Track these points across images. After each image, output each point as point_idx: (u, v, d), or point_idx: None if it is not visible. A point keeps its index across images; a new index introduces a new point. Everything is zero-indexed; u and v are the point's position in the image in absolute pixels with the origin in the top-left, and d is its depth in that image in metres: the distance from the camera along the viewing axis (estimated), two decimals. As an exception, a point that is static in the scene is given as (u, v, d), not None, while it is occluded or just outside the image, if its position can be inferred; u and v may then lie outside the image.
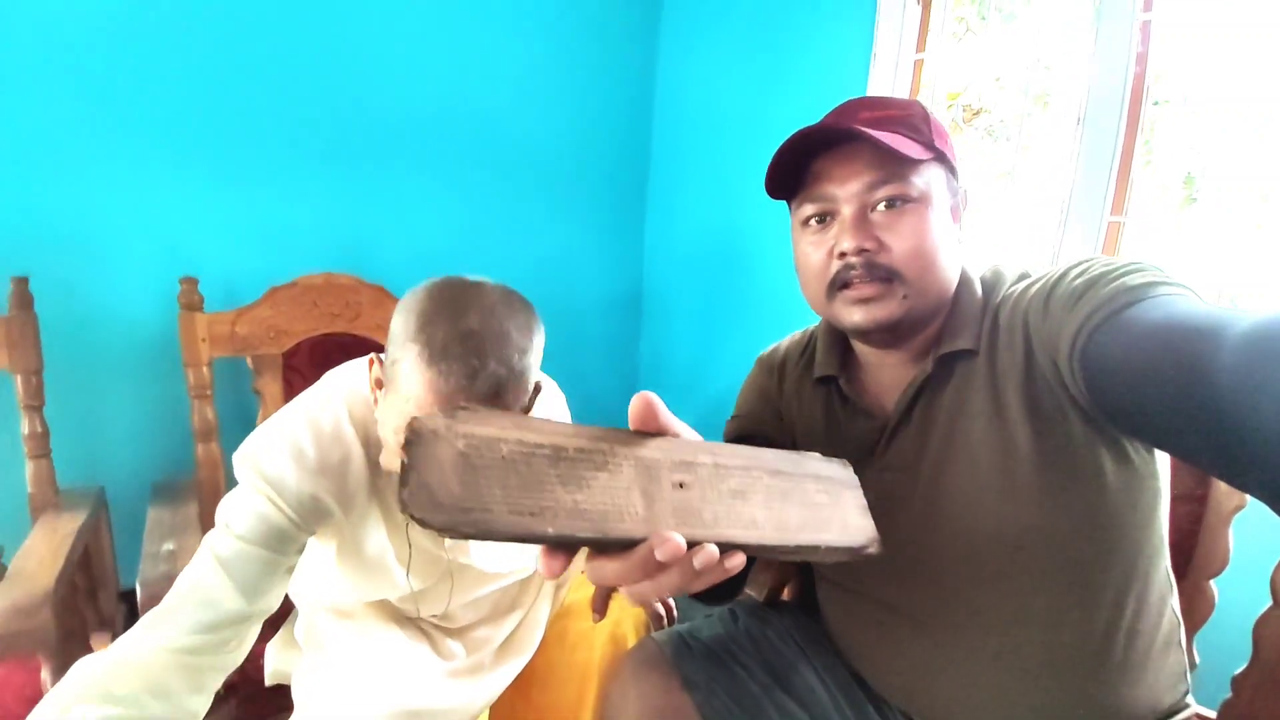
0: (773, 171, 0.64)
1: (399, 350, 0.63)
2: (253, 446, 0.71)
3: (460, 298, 0.63)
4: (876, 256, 0.59)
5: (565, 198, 2.00)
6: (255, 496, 0.68)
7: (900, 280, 0.60)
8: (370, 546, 0.77)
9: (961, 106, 1.47)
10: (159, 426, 1.43)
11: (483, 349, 0.61)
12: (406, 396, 0.62)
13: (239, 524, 0.68)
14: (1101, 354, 0.50)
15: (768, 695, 0.73)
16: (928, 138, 0.61)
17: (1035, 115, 1.63)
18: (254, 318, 1.33)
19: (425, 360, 0.61)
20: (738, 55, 1.85)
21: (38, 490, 1.17)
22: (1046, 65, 1.31)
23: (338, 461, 0.72)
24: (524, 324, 0.65)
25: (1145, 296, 0.50)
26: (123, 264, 1.35)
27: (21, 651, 0.79)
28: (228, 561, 0.67)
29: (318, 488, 0.70)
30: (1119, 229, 1.15)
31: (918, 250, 0.59)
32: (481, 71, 1.75)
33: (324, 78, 1.51)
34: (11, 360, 1.13)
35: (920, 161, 0.59)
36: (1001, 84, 1.38)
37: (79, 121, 1.27)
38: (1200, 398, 0.42)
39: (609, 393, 2.26)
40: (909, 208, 0.59)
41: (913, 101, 0.64)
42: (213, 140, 1.40)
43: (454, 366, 0.60)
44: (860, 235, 0.59)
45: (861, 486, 0.50)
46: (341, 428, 0.73)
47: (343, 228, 1.59)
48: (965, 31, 1.45)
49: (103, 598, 1.22)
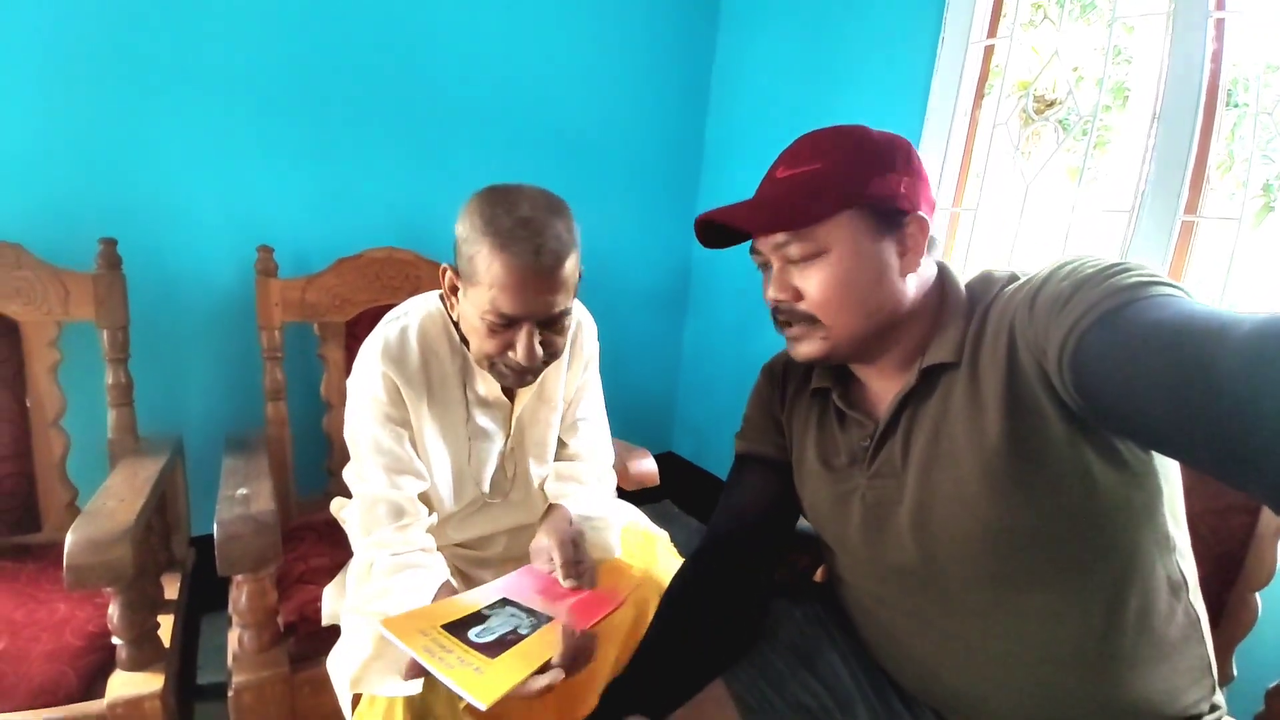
0: (704, 242, 0.72)
1: (472, 248, 0.77)
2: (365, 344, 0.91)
3: (509, 196, 0.78)
4: (795, 304, 0.66)
5: (619, 188, 2.03)
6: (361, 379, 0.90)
7: (818, 323, 0.66)
8: (433, 430, 0.92)
9: (1032, 96, 1.42)
10: (233, 383, 1.52)
11: (541, 228, 0.76)
12: (489, 283, 0.76)
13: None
14: (1092, 356, 0.50)
15: (792, 673, 0.75)
16: (841, 187, 0.63)
17: (1114, 110, 1.57)
18: (322, 285, 1.40)
19: (498, 247, 0.75)
20: (797, 45, 1.83)
21: (118, 437, 1.25)
22: (1128, 59, 1.26)
23: (405, 359, 0.89)
24: (561, 208, 0.81)
25: (1138, 298, 0.49)
26: (205, 231, 1.44)
27: (95, 584, 0.82)
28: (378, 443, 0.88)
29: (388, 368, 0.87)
30: (1192, 229, 1.10)
31: (827, 299, 0.64)
32: (544, 59, 1.79)
33: (396, 66, 1.58)
34: (99, 315, 1.21)
35: (821, 218, 0.63)
36: (1080, 75, 1.33)
37: (169, 98, 1.36)
38: (1200, 399, 0.42)
39: (650, 383, 2.28)
40: (817, 261, 0.64)
41: (844, 139, 0.65)
42: (292, 120, 1.48)
43: (523, 247, 0.75)
44: (778, 287, 0.67)
45: (857, 491, 0.67)
46: (408, 334, 0.90)
47: (406, 206, 1.65)
48: (1042, 19, 1.40)
49: (175, 541, 1.30)
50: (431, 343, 0.91)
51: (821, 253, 0.64)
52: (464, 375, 0.93)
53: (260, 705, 0.90)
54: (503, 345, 0.81)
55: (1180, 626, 0.61)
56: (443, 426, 0.92)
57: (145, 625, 0.91)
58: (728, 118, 2.09)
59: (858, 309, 0.64)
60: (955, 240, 1.54)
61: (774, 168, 0.68)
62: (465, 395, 0.94)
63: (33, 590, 1.02)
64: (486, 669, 0.61)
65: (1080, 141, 1.31)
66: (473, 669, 0.61)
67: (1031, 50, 1.39)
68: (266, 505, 0.92)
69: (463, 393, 0.93)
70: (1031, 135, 1.45)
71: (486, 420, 0.96)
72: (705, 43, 2.08)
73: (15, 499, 1.17)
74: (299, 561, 1.13)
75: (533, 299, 0.77)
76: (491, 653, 0.64)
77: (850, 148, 0.64)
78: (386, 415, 0.88)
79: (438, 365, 0.91)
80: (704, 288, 2.23)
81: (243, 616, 0.92)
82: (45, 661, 0.88)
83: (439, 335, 0.92)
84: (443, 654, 0.62)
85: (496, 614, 0.70)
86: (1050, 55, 1.37)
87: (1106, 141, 1.54)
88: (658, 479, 1.24)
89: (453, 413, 0.93)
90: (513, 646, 0.66)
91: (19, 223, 1.20)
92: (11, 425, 1.16)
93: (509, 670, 0.62)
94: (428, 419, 0.91)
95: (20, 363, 1.17)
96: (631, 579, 0.96)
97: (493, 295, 0.76)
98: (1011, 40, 1.40)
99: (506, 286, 0.76)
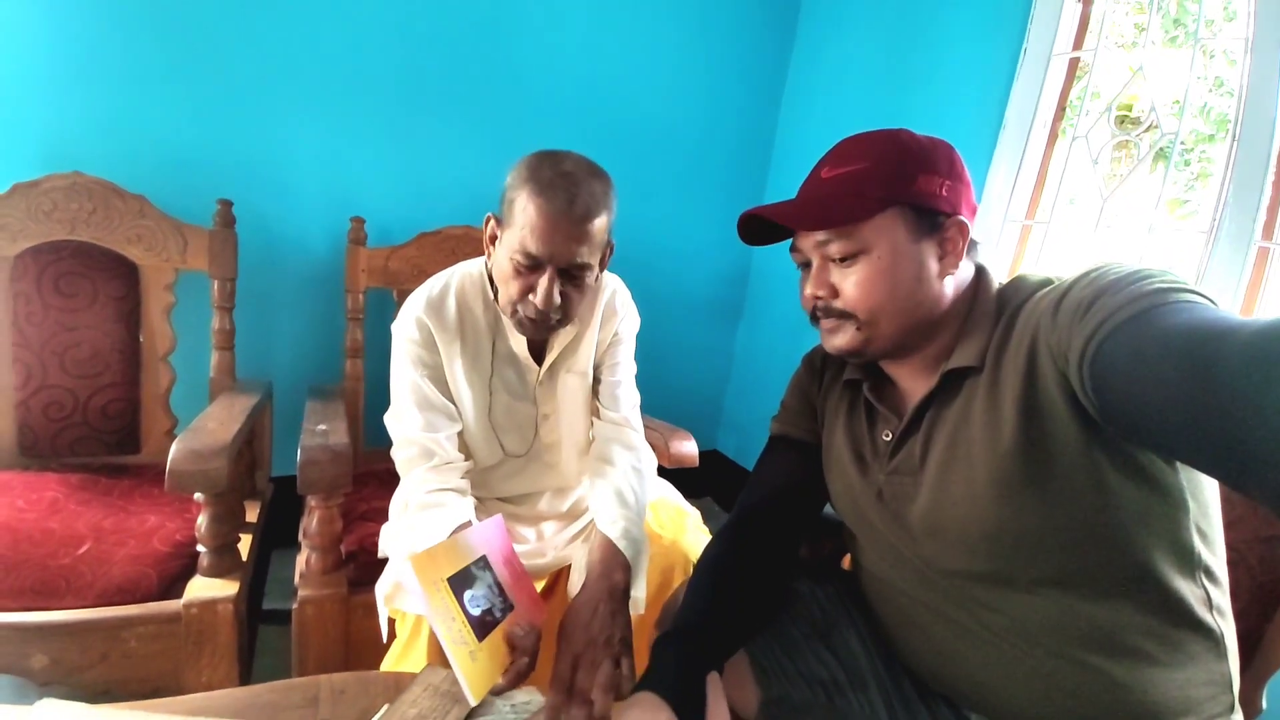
0: (748, 235, 0.74)
1: (513, 192, 0.85)
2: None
3: (556, 155, 0.87)
4: (831, 302, 0.68)
5: (686, 185, 2.08)
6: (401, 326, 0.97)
7: (853, 318, 0.67)
8: (461, 379, 0.99)
9: (1114, 111, 1.38)
10: (319, 339, 1.66)
11: (578, 182, 0.84)
12: (521, 224, 0.84)
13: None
14: (1110, 362, 0.50)
15: (808, 644, 0.78)
16: (883, 188, 0.64)
17: (1219, 141, 1.50)
18: (403, 256, 1.52)
19: (535, 192, 0.83)
20: (874, 50, 1.83)
21: (218, 376, 1.40)
22: (1230, 90, 1.21)
23: (443, 310, 0.97)
24: (603, 174, 0.89)
25: (1157, 304, 0.49)
26: (307, 200, 1.59)
27: (191, 489, 0.93)
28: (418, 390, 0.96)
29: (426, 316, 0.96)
30: (1268, 255, 1.06)
31: (865, 297, 0.66)
32: (622, 56, 1.86)
33: (482, 59, 1.69)
34: (212, 266, 1.36)
35: (864, 218, 0.64)
36: (1180, 104, 1.28)
37: (285, 83, 1.51)
38: (1205, 401, 0.42)
39: (699, 380, 2.32)
40: (860, 260, 0.66)
41: (886, 141, 0.66)
42: (387, 107, 1.62)
43: (558, 194, 0.82)
44: (817, 284, 0.69)
45: (877, 484, 0.71)
46: (449, 289, 0.99)
47: (483, 188, 1.73)
48: (1142, 36, 1.35)
49: (258, 476, 1.44)
50: (468, 298, 0.99)
51: (862, 252, 0.65)
52: (494, 332, 1.00)
53: (320, 619, 1.00)
54: (525, 288, 0.87)
55: (1199, 641, 0.61)
56: (470, 377, 0.99)
57: (228, 537, 1.03)
58: (799, 122, 2.10)
59: (894, 308, 0.66)
60: (1024, 253, 1.51)
61: (819, 167, 0.70)
62: (494, 350, 1.00)
63: (124, 503, 1.15)
64: (478, 654, 0.68)
65: (1182, 171, 1.27)
66: (468, 651, 0.67)
67: (1129, 70, 1.35)
68: (342, 439, 1.02)
69: (491, 347, 1.00)
70: (1116, 152, 1.41)
71: (512, 377, 1.02)
72: (782, 47, 2.11)
73: (119, 421, 1.32)
74: (362, 502, 1.24)
75: (559, 243, 0.83)
76: (479, 631, 0.70)
77: (894, 149, 0.66)
78: (420, 359, 0.95)
79: (471, 320, 0.99)
80: (761, 289, 2.25)
81: (312, 539, 1.02)
82: (128, 563, 0.99)
83: (475, 293, 1.00)
84: (449, 620, 0.67)
85: (479, 578, 0.74)
86: (1135, 73, 1.34)
87: (1209, 174, 1.48)
88: (697, 460, 1.28)
89: (481, 364, 1.00)
90: (492, 630, 0.71)
91: (145, 177, 1.36)
92: (123, 356, 1.31)
93: (491, 660, 0.70)
94: (458, 368, 0.97)
95: (137, 301, 1.33)
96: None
97: (523, 235, 0.84)
98: (1096, 54, 1.37)
99: (536, 228, 0.83)
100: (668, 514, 1.10)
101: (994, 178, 1.51)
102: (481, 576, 0.74)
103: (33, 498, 1.10)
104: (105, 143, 1.38)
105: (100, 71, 1.35)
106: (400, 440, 0.95)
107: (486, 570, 0.75)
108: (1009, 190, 1.49)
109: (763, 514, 0.83)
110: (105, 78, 1.36)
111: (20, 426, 1.25)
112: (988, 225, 1.51)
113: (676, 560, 1.00)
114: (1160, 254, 1.26)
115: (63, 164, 1.27)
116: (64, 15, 1.31)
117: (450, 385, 0.98)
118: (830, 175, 0.68)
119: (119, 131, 1.39)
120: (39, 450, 1.26)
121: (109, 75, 1.36)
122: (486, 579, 0.75)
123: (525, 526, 1.05)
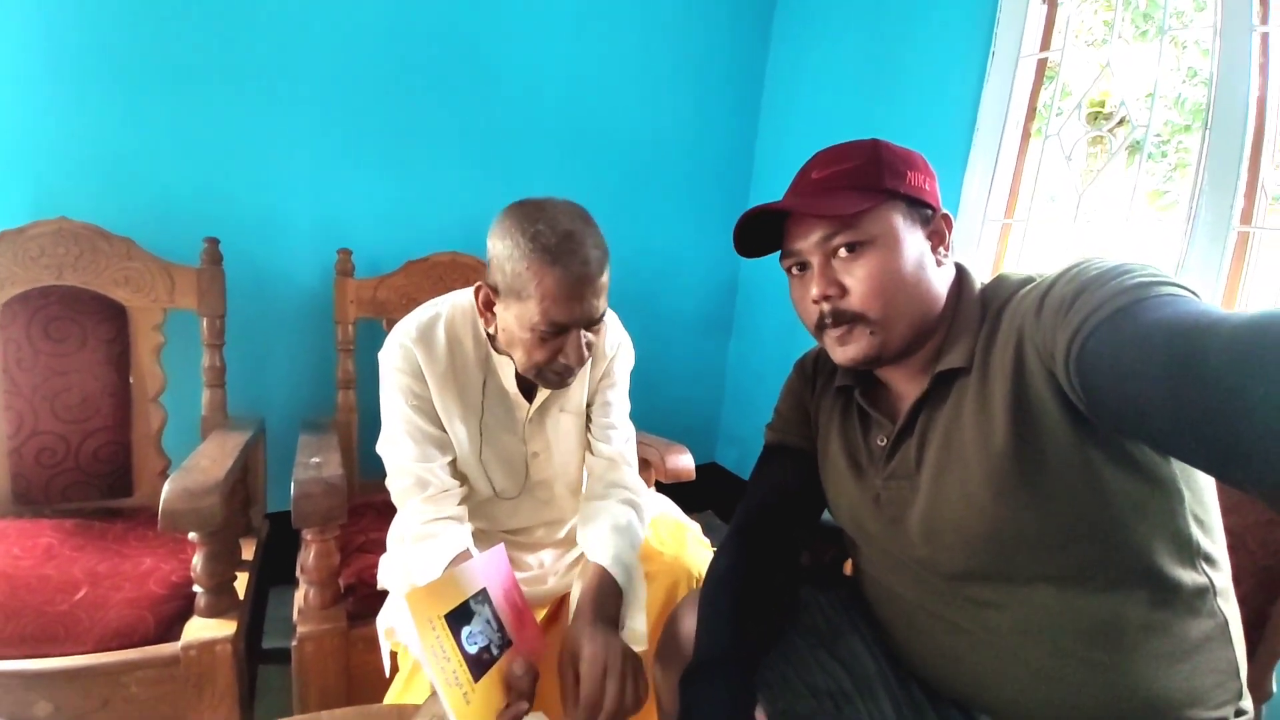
0: (741, 245, 0.73)
1: (515, 264, 0.80)
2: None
3: (545, 211, 0.82)
4: (840, 302, 0.67)
5: (673, 201, 2.10)
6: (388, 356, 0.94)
7: (864, 320, 0.66)
8: (450, 413, 0.96)
9: (1085, 108, 1.41)
10: (310, 372, 1.66)
11: (582, 241, 0.80)
12: (539, 296, 0.80)
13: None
14: (1096, 358, 0.50)
15: (812, 653, 0.77)
16: (876, 181, 0.65)
17: (1194, 131, 1.52)
18: (391, 285, 1.52)
19: (547, 262, 0.79)
20: (848, 60, 1.87)
21: (210, 414, 1.40)
22: (1205, 80, 1.24)
23: (432, 341, 0.94)
24: (587, 216, 0.85)
25: (1139, 299, 0.49)
26: (294, 233, 1.59)
27: (185, 528, 0.92)
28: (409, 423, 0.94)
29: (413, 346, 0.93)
30: (1247, 239, 1.08)
31: (876, 290, 0.65)
32: (605, 81, 1.89)
33: (466, 86, 1.71)
34: (201, 304, 1.37)
35: (865, 209, 0.65)
36: (1152, 95, 1.31)
37: (269, 116, 1.52)
38: (1191, 391, 0.42)
39: (695, 393, 2.32)
40: (865, 251, 0.65)
41: (866, 145, 0.68)
42: (373, 136, 1.63)
43: (572, 260, 0.79)
44: (824, 283, 0.67)
45: (874, 489, 0.69)
46: (438, 319, 0.96)
47: (470, 213, 1.76)
48: (1111, 33, 1.38)
49: (253, 512, 1.43)
50: (458, 331, 0.96)
51: (867, 241, 0.65)
52: (484, 369, 0.97)
53: (319, 655, 0.99)
54: (553, 352, 0.84)
55: (1203, 629, 0.60)
56: (461, 414, 0.96)
57: (224, 576, 1.02)
58: (778, 133, 2.13)
59: (904, 298, 0.66)
60: (1005, 251, 1.53)
61: (806, 171, 0.71)
62: (484, 387, 0.97)
63: (119, 547, 1.14)
64: (472, 696, 0.67)
65: (1159, 163, 1.29)
66: (461, 693, 0.66)
67: (1099, 67, 1.38)
68: (336, 471, 1.02)
69: (481, 384, 0.97)
70: (1091, 148, 1.43)
71: (501, 414, 0.99)
72: (757, 60, 2.15)
73: (111, 464, 1.31)
74: (359, 534, 1.23)
75: (582, 307, 0.81)
76: (475, 671, 0.68)
77: (878, 150, 0.67)
78: (409, 389, 0.93)
79: (461, 354, 0.96)
80: (750, 301, 2.27)
81: (309, 574, 1.02)
82: (124, 607, 0.98)
83: (466, 327, 0.96)
84: (443, 660, 0.66)
85: (478, 613, 0.72)
86: (1104, 69, 1.36)
87: (1187, 164, 1.50)
88: (693, 474, 1.28)
89: (471, 400, 0.97)
90: (488, 669, 0.70)
91: (130, 219, 1.36)
92: (114, 399, 1.31)
93: (485, 703, 0.68)
94: (446, 401, 0.95)
95: (126, 343, 1.32)
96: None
97: (545, 307, 0.80)
98: (1064, 54, 1.40)
99: (559, 298, 0.79)
100: (668, 529, 1.10)
101: (970, 179, 1.53)
102: (480, 611, 0.73)
103: (27, 545, 1.09)
104: (90, 186, 1.38)
105: (83, 115, 1.36)
106: (394, 469, 0.94)
107: (485, 604, 0.74)
108: (986, 190, 1.51)
109: (764, 525, 0.83)
110: (88, 121, 1.37)
111: (13, 474, 1.24)
112: (967, 226, 1.53)
113: (680, 575, 0.99)
114: (1139, 245, 1.28)
115: (48, 209, 1.27)
116: (43, 61, 1.32)
117: (442, 419, 0.96)
118: (821, 175, 0.68)
119: (103, 174, 1.40)
120: (32, 497, 1.25)
121: (92, 119, 1.37)
122: (485, 614, 0.73)
123: (527, 554, 1.04)
